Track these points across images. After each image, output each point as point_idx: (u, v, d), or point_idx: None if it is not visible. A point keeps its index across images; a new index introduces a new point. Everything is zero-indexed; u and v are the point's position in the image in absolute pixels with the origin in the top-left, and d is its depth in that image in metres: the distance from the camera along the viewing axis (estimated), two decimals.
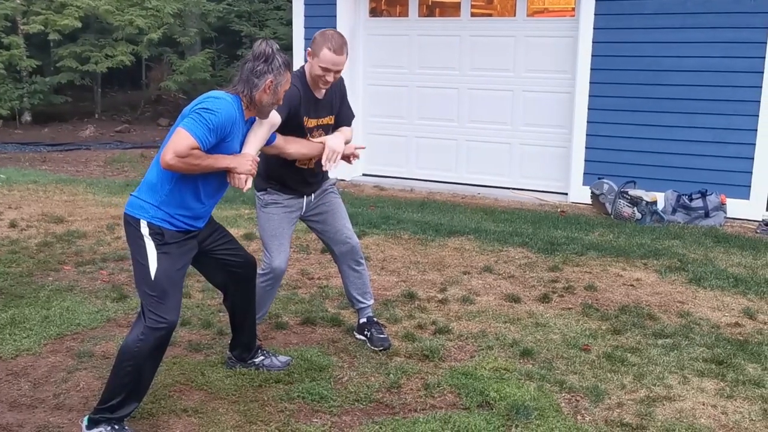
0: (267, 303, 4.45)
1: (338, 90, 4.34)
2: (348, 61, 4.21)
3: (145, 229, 3.45)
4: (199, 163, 3.37)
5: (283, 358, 4.21)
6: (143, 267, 3.44)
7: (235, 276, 3.90)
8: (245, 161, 3.54)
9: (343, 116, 4.40)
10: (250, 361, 4.14)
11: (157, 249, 3.44)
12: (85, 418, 3.45)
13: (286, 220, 4.27)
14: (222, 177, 3.58)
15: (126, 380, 3.39)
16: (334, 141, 4.15)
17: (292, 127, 4.04)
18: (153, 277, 3.41)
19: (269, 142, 3.87)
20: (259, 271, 4.20)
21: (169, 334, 3.43)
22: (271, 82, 3.53)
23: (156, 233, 3.45)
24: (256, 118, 3.71)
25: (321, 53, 4.00)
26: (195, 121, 3.35)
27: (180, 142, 3.31)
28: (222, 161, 3.47)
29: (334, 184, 4.56)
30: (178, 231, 3.52)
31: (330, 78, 4.06)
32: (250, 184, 3.58)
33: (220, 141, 3.45)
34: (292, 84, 4.01)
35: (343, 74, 4.26)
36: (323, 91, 4.20)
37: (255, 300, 4.07)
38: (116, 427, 3.41)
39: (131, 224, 3.50)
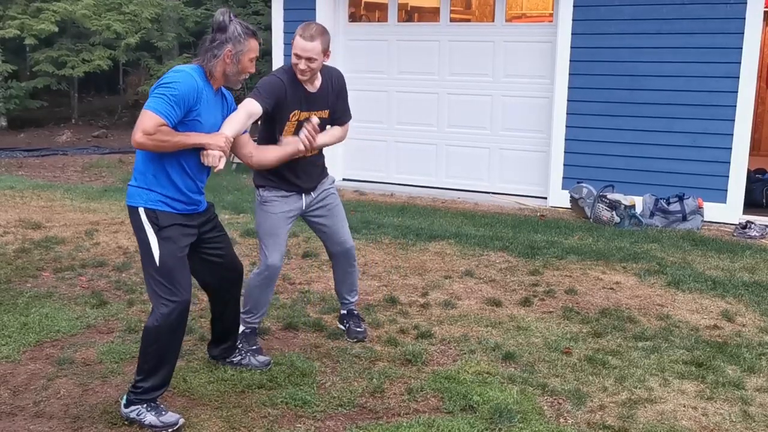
0: (264, 303, 4.43)
1: (335, 85, 4.36)
2: (328, 62, 4.25)
3: (143, 216, 3.56)
4: (168, 139, 3.41)
5: (261, 358, 4.24)
6: (147, 255, 3.56)
7: (221, 280, 3.96)
8: (218, 138, 3.55)
9: (338, 113, 4.42)
10: (228, 360, 4.20)
11: (156, 235, 3.54)
12: (124, 397, 3.65)
13: (284, 219, 4.30)
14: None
15: (152, 362, 3.56)
16: (315, 121, 4.19)
17: (281, 120, 4.09)
18: (158, 263, 3.53)
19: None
20: (255, 270, 4.37)
21: (184, 311, 3.58)
22: (230, 51, 3.57)
23: (152, 219, 3.55)
24: (237, 106, 3.79)
25: (293, 40, 4.06)
26: (156, 98, 3.41)
27: (146, 121, 3.36)
28: (193, 138, 3.51)
29: (333, 183, 4.59)
30: (177, 213, 3.59)
31: (302, 66, 4.06)
32: (223, 164, 3.57)
33: (189, 113, 3.48)
34: (277, 76, 4.11)
35: None
36: (317, 84, 4.23)
37: (238, 304, 4.14)
38: (152, 404, 3.59)
39: (132, 213, 3.61)
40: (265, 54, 15.33)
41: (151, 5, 15.49)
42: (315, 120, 4.12)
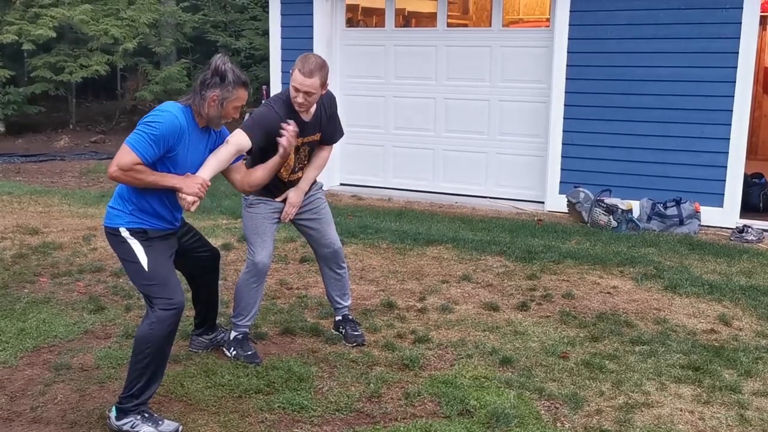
0: (253, 304, 4.48)
1: (329, 110, 4.47)
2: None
3: (125, 233, 3.62)
4: (142, 178, 3.51)
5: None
6: (135, 264, 3.61)
7: (202, 267, 4.20)
8: (193, 184, 3.63)
9: (327, 134, 4.53)
10: (212, 338, 4.49)
11: (142, 245, 3.62)
12: (113, 408, 3.59)
13: (270, 219, 4.41)
14: None
15: (146, 366, 3.55)
16: (294, 198, 4.40)
17: (274, 150, 4.07)
18: (147, 269, 3.59)
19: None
20: (243, 269, 4.48)
21: (179, 314, 3.61)
22: (216, 96, 3.61)
23: (137, 233, 3.63)
24: (225, 140, 3.86)
25: (293, 73, 4.14)
26: (137, 134, 3.49)
27: (123, 156, 3.46)
28: (168, 180, 3.59)
29: (321, 188, 4.67)
30: (159, 230, 3.70)
31: (300, 99, 4.15)
32: (196, 207, 3.66)
33: (167, 152, 3.55)
34: (274, 109, 4.18)
35: None
36: (311, 112, 4.31)
37: (218, 286, 4.43)
38: (146, 415, 3.56)
39: (112, 234, 3.68)
40: (263, 59, 15.38)
41: (149, 10, 15.51)
42: (293, 125, 4.07)
